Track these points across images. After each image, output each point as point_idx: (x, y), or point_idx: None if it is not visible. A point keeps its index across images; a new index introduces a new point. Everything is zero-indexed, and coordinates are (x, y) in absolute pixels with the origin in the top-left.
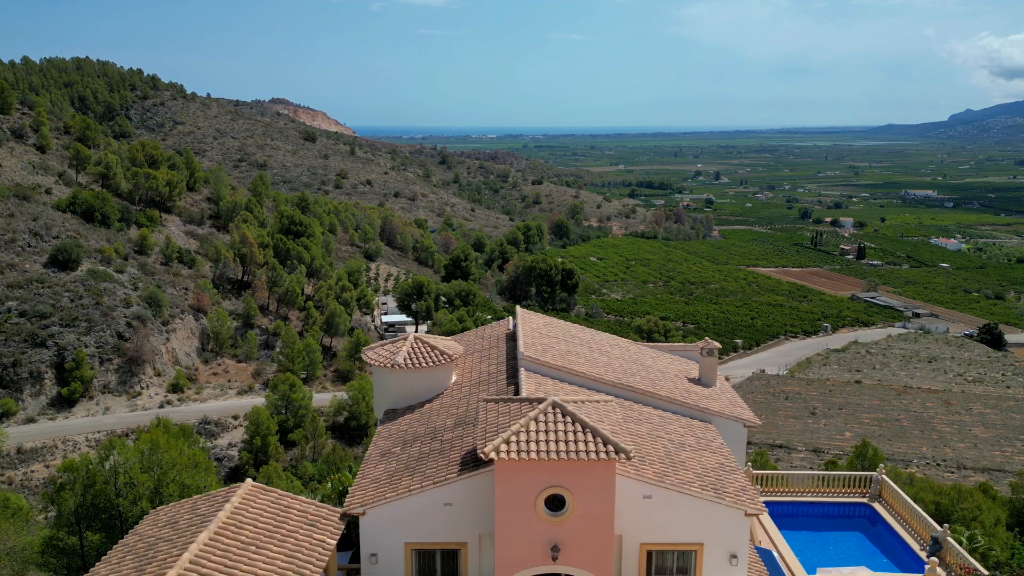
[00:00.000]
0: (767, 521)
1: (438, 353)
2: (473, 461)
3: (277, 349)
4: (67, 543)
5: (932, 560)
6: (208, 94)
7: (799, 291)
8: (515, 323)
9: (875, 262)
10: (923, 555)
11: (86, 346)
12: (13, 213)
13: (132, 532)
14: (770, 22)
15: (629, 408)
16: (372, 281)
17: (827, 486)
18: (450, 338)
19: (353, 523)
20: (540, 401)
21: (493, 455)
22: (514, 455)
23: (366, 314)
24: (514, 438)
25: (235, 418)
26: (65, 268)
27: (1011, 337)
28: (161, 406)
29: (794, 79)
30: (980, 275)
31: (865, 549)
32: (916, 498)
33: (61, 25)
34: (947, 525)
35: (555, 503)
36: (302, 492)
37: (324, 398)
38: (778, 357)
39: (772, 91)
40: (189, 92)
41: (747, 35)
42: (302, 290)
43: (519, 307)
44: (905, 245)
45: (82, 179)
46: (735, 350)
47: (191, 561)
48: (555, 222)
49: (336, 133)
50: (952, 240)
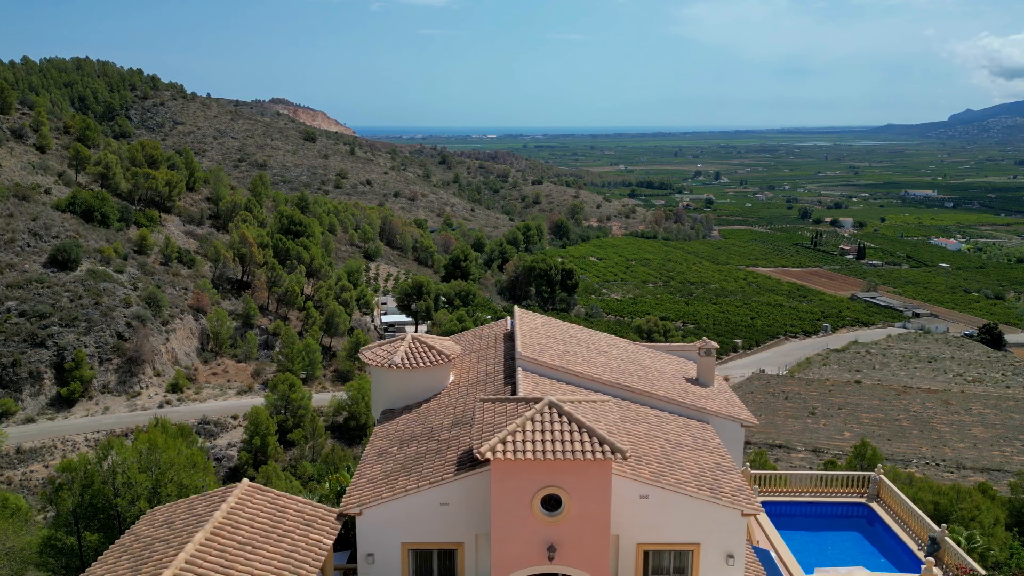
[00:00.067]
0: (765, 521)
1: (435, 353)
2: (470, 461)
3: (277, 349)
4: (65, 543)
5: (929, 560)
6: (208, 94)
7: (799, 291)
8: (513, 323)
9: (875, 262)
10: (921, 555)
11: (85, 346)
12: (13, 213)
13: (128, 532)
14: (770, 22)
15: (626, 408)
16: (372, 281)
17: (825, 486)
18: (448, 338)
19: (351, 523)
20: (536, 401)
21: (489, 455)
22: (510, 455)
23: (366, 314)
24: (510, 438)
25: (234, 418)
26: (64, 268)
27: (1011, 337)
28: (161, 406)
29: (794, 79)
30: (980, 275)
31: (863, 549)
32: (915, 498)
33: (61, 25)
34: (945, 525)
35: (551, 503)
36: (301, 492)
37: (324, 398)
38: (778, 357)
39: (772, 91)
40: (189, 92)
41: (747, 35)
42: (302, 290)
43: (517, 307)
44: (905, 245)
45: (82, 179)
46: (735, 350)
47: (187, 561)
48: (555, 222)
49: (336, 133)
50: (952, 240)
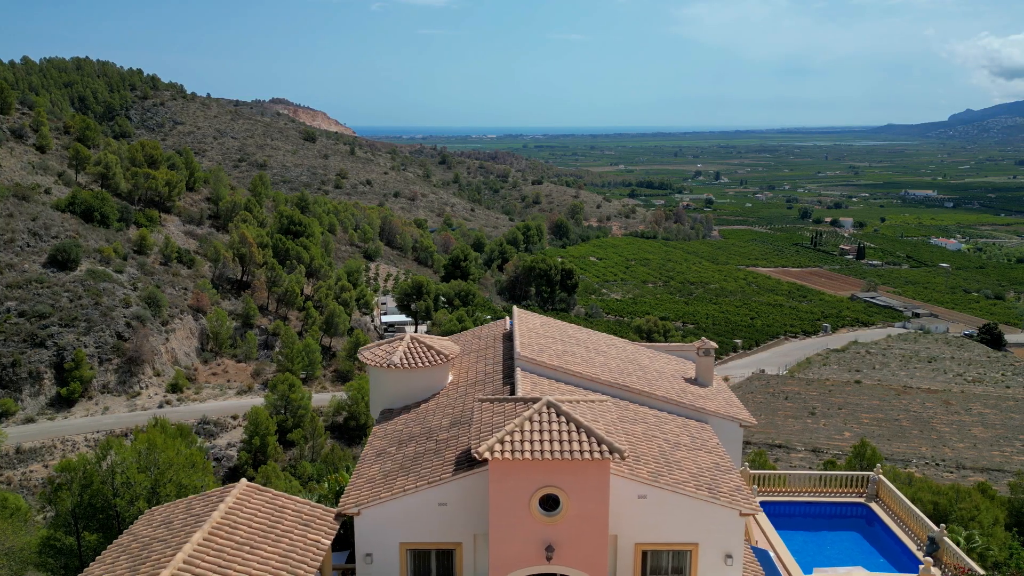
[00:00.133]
0: (764, 521)
1: (434, 353)
2: (468, 461)
3: (276, 349)
4: (64, 543)
5: (927, 560)
6: (208, 94)
7: (799, 291)
8: (512, 323)
9: (875, 262)
10: (920, 555)
11: (85, 346)
12: (12, 213)
13: (127, 532)
14: (770, 22)
15: (625, 408)
16: (371, 281)
17: (824, 486)
18: (447, 338)
19: (349, 523)
20: (535, 401)
21: (487, 455)
22: (508, 455)
23: (365, 314)
24: (508, 438)
25: (234, 418)
26: (64, 268)
27: (1011, 337)
28: (160, 406)
29: (794, 79)
30: (980, 275)
31: (862, 549)
32: (914, 498)
33: (61, 25)
34: (943, 525)
35: (549, 503)
36: (300, 492)
37: (323, 398)
38: (778, 357)
39: (772, 91)
40: (189, 92)
41: (747, 35)
42: (301, 290)
43: (516, 307)
44: (905, 245)
45: (81, 179)
46: (735, 350)
47: (185, 561)
48: (555, 222)
49: (336, 133)
50: (952, 240)
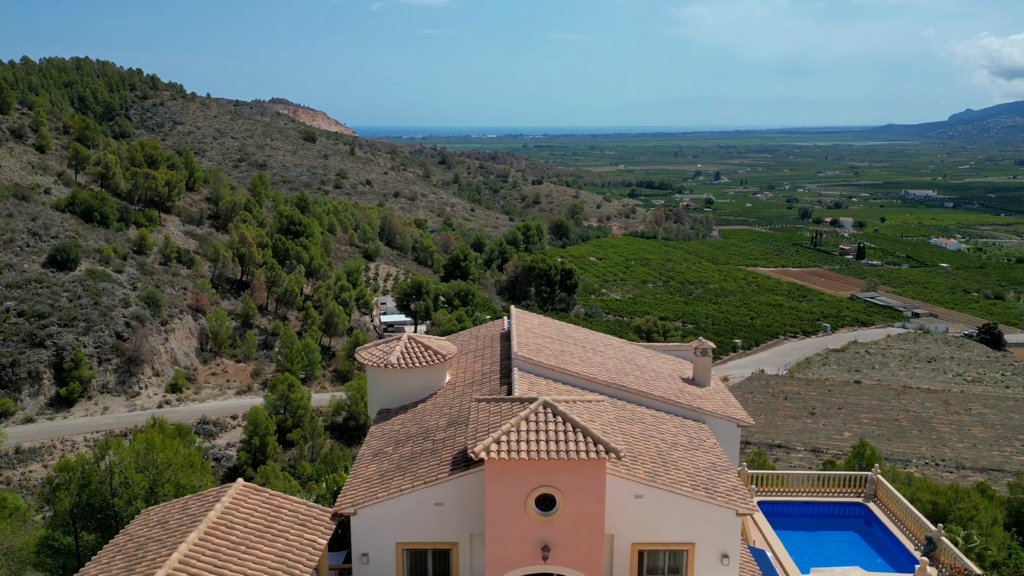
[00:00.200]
0: (762, 521)
1: (431, 353)
2: (464, 461)
3: (276, 349)
4: (63, 543)
5: (923, 560)
6: (208, 94)
7: (799, 291)
8: (509, 323)
9: (875, 262)
10: (918, 555)
11: (85, 346)
12: (12, 213)
13: (122, 532)
14: (770, 22)
15: (622, 408)
16: (371, 281)
17: (823, 486)
18: (445, 338)
19: (347, 523)
20: (531, 401)
21: (483, 455)
22: (504, 455)
23: (365, 314)
24: (504, 438)
25: (234, 418)
26: (64, 268)
27: (1010, 337)
28: (160, 406)
29: (794, 79)
30: (980, 275)
31: (860, 549)
32: (913, 498)
33: (61, 25)
34: (941, 525)
35: (545, 503)
36: (300, 492)
37: (323, 398)
38: (777, 357)
39: (772, 91)
40: (189, 92)
41: (747, 35)
42: (301, 290)
43: (514, 307)
44: (905, 245)
45: (81, 179)
46: (734, 350)
47: (180, 561)
48: (555, 222)
49: (336, 133)
50: (952, 240)
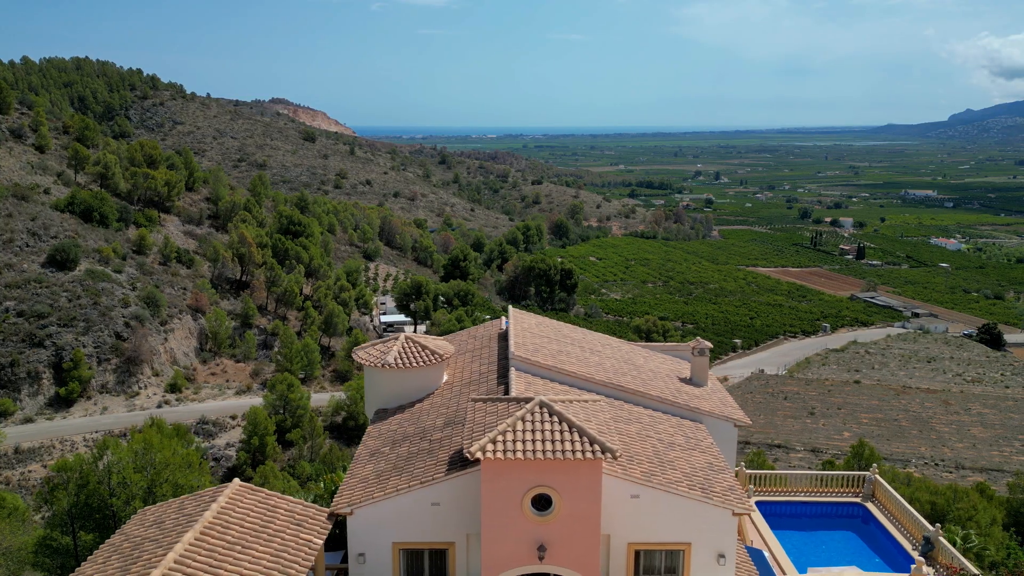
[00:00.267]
0: (760, 521)
1: (429, 353)
2: (461, 461)
3: (275, 349)
4: (61, 543)
5: (919, 560)
6: (208, 94)
7: (798, 291)
8: (507, 323)
9: (875, 262)
10: (915, 555)
11: (84, 346)
12: (11, 213)
13: (119, 532)
14: (770, 22)
15: (619, 408)
16: (371, 281)
17: (821, 486)
18: (442, 338)
19: (344, 523)
20: (527, 401)
21: (479, 455)
22: (500, 455)
23: (364, 314)
24: (500, 438)
25: (233, 418)
26: (63, 268)
27: (1010, 337)
28: (159, 406)
29: (794, 79)
30: (980, 275)
31: (858, 549)
32: (912, 498)
33: (61, 25)
34: (939, 525)
35: (541, 503)
36: (298, 492)
37: (322, 398)
38: (777, 357)
39: (772, 91)
40: (189, 92)
41: (747, 35)
42: (300, 290)
43: (511, 306)
44: (905, 245)
45: (81, 179)
46: (734, 350)
47: (176, 561)
48: (555, 222)
49: (336, 133)
50: (952, 240)
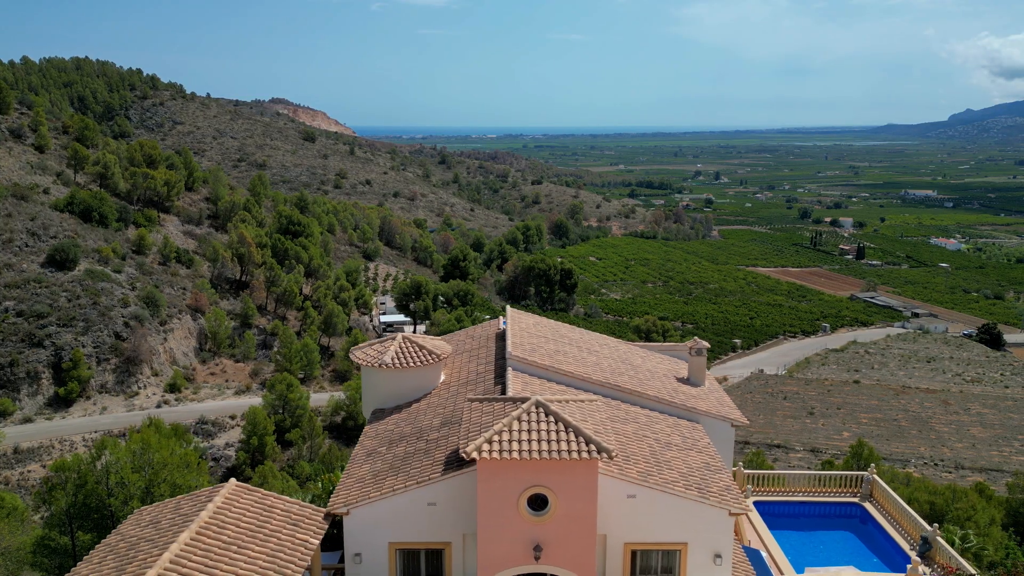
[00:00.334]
0: (758, 521)
1: (426, 353)
2: (457, 461)
3: (275, 349)
4: (59, 543)
5: (915, 560)
6: (208, 94)
7: (798, 291)
8: (505, 323)
9: (874, 262)
10: (913, 555)
11: (83, 346)
12: (11, 213)
13: (115, 532)
14: (770, 22)
15: (616, 407)
16: (370, 281)
17: (819, 486)
18: (440, 338)
19: (342, 523)
20: (524, 400)
21: (475, 455)
22: (496, 455)
23: (364, 314)
24: (496, 437)
25: (232, 418)
26: (63, 268)
27: (1010, 337)
28: (158, 406)
29: (794, 79)
30: (979, 275)
31: (856, 549)
32: (911, 498)
33: (61, 25)
34: (936, 525)
35: (537, 503)
36: (297, 492)
37: (322, 398)
38: (777, 357)
39: (772, 91)
40: (188, 92)
41: (747, 35)
42: (300, 290)
43: (509, 306)
44: (905, 245)
45: (80, 179)
46: (734, 350)
47: (171, 561)
48: (554, 222)
49: (336, 133)
50: (952, 240)
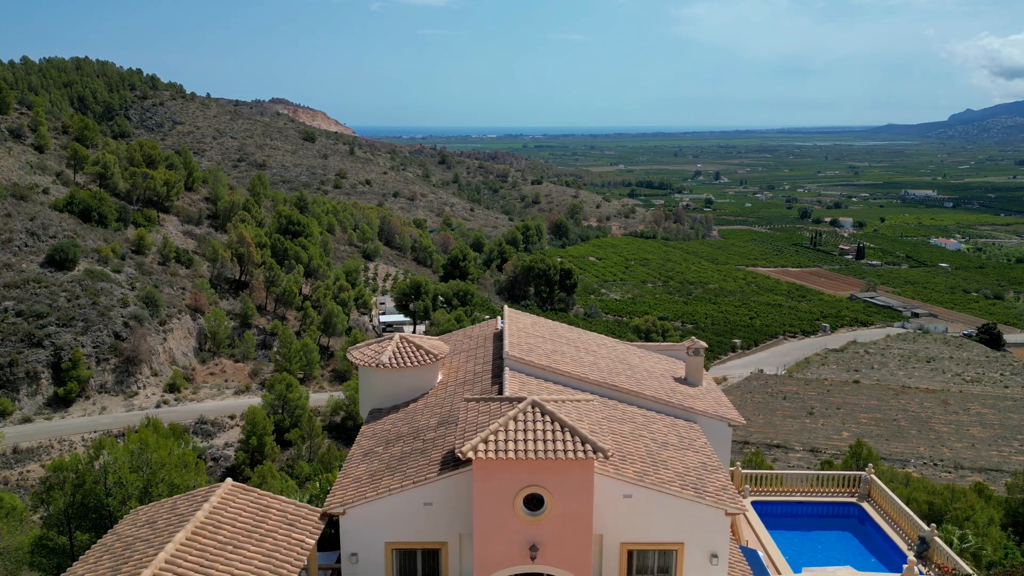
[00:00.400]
0: (755, 521)
1: (423, 353)
2: (453, 461)
3: (274, 349)
4: (57, 543)
5: (911, 559)
6: (208, 94)
7: (798, 291)
8: (503, 323)
9: (874, 262)
10: (910, 554)
11: (83, 346)
12: (10, 213)
13: (111, 532)
14: (770, 22)
15: (613, 407)
16: (370, 281)
17: (817, 486)
18: (438, 338)
19: (339, 523)
20: (520, 400)
21: (471, 454)
22: (492, 454)
23: (364, 314)
24: (492, 437)
25: (232, 418)
26: (62, 268)
27: (1010, 337)
28: (158, 406)
29: (794, 79)
30: (979, 275)
31: (854, 548)
32: (910, 498)
33: (61, 25)
34: (934, 525)
35: (533, 502)
36: (296, 492)
37: (321, 398)
38: (776, 357)
39: (772, 91)
40: (188, 92)
41: (747, 35)
42: (300, 290)
43: (507, 306)
44: (904, 245)
45: (80, 179)
46: (733, 350)
47: (167, 561)
48: (554, 222)
49: (336, 133)
50: (952, 240)
